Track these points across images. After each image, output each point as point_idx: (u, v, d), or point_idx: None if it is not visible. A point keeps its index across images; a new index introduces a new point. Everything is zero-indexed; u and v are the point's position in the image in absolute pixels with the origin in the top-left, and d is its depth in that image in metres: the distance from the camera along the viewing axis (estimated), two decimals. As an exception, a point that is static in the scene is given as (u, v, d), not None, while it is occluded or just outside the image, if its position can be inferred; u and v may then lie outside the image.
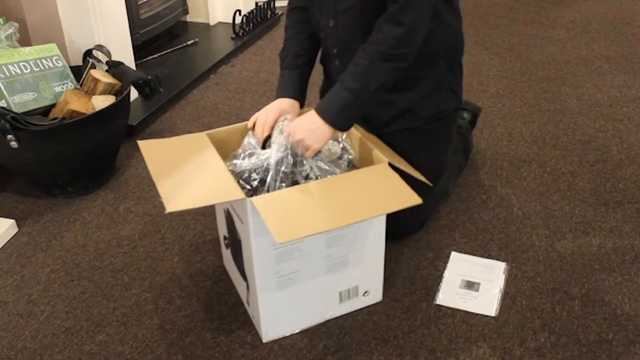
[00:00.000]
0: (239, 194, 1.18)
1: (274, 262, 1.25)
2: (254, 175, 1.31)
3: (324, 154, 1.38)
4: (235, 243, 1.36)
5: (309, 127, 1.33)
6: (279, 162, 1.30)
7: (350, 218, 1.16)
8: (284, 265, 1.26)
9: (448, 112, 1.54)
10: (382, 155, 1.32)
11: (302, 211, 1.16)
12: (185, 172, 1.26)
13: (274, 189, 1.29)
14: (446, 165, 1.64)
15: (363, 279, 1.37)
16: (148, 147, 1.35)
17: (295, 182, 1.32)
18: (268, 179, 1.30)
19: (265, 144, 1.38)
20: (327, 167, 1.35)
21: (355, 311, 1.40)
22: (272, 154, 1.31)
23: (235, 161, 1.35)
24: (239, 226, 1.28)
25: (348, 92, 1.33)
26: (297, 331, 1.36)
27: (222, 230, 1.46)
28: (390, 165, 1.29)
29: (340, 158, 1.40)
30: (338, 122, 1.35)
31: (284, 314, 1.32)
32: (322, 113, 1.34)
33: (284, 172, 1.30)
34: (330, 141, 1.40)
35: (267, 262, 1.24)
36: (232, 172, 1.30)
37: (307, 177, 1.33)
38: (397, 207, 1.19)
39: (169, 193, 1.17)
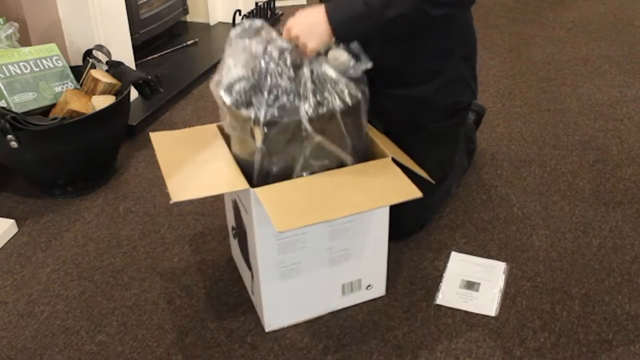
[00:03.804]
0: (243, 184, 1.20)
1: (277, 253, 1.26)
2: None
3: (330, 61, 1.28)
4: (241, 233, 1.37)
5: (309, 23, 1.26)
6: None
7: (350, 209, 1.18)
8: (286, 256, 1.27)
9: (463, 106, 1.55)
10: (386, 150, 1.32)
11: (304, 202, 1.18)
12: (193, 164, 1.28)
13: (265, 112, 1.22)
14: (453, 167, 1.64)
15: (366, 273, 1.38)
16: (159, 139, 1.37)
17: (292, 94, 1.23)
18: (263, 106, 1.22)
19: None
20: (331, 74, 1.25)
21: (355, 311, 1.40)
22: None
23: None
24: (244, 216, 1.30)
25: (364, 5, 1.27)
26: (299, 321, 1.37)
27: (231, 221, 1.48)
28: (394, 160, 1.30)
29: (351, 68, 1.28)
30: (340, 28, 1.27)
31: (286, 304, 1.34)
32: (330, 12, 1.27)
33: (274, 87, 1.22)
34: (340, 50, 1.29)
35: (270, 252, 1.26)
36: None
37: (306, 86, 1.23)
38: (398, 200, 1.20)
39: (176, 184, 1.20)
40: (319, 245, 1.29)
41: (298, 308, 1.36)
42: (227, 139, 1.35)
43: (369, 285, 1.40)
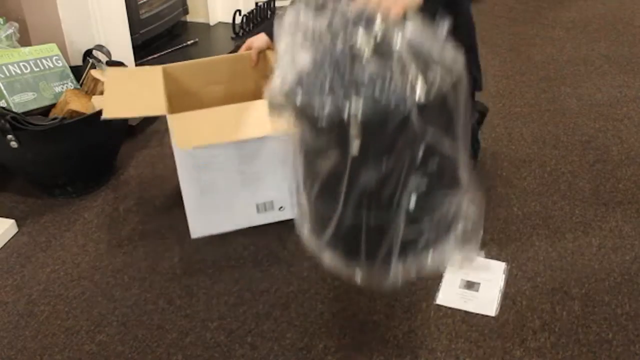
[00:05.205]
0: (163, 110, 1.43)
1: (193, 170, 1.51)
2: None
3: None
4: None
5: None
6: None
7: (246, 135, 1.41)
8: (203, 175, 1.52)
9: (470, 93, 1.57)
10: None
11: (210, 127, 1.39)
12: (132, 96, 1.54)
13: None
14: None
15: (277, 196, 1.60)
16: (112, 75, 1.64)
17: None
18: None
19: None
20: (428, 42, 0.93)
21: (355, 311, 1.40)
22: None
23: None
24: None
25: None
26: (221, 232, 1.60)
27: None
28: None
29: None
30: None
31: (208, 215, 1.58)
32: None
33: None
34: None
35: (188, 170, 1.51)
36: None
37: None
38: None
39: (113, 107, 1.47)
40: (231, 168, 1.53)
41: (220, 220, 1.60)
42: (166, 80, 1.59)
43: (281, 207, 1.62)
